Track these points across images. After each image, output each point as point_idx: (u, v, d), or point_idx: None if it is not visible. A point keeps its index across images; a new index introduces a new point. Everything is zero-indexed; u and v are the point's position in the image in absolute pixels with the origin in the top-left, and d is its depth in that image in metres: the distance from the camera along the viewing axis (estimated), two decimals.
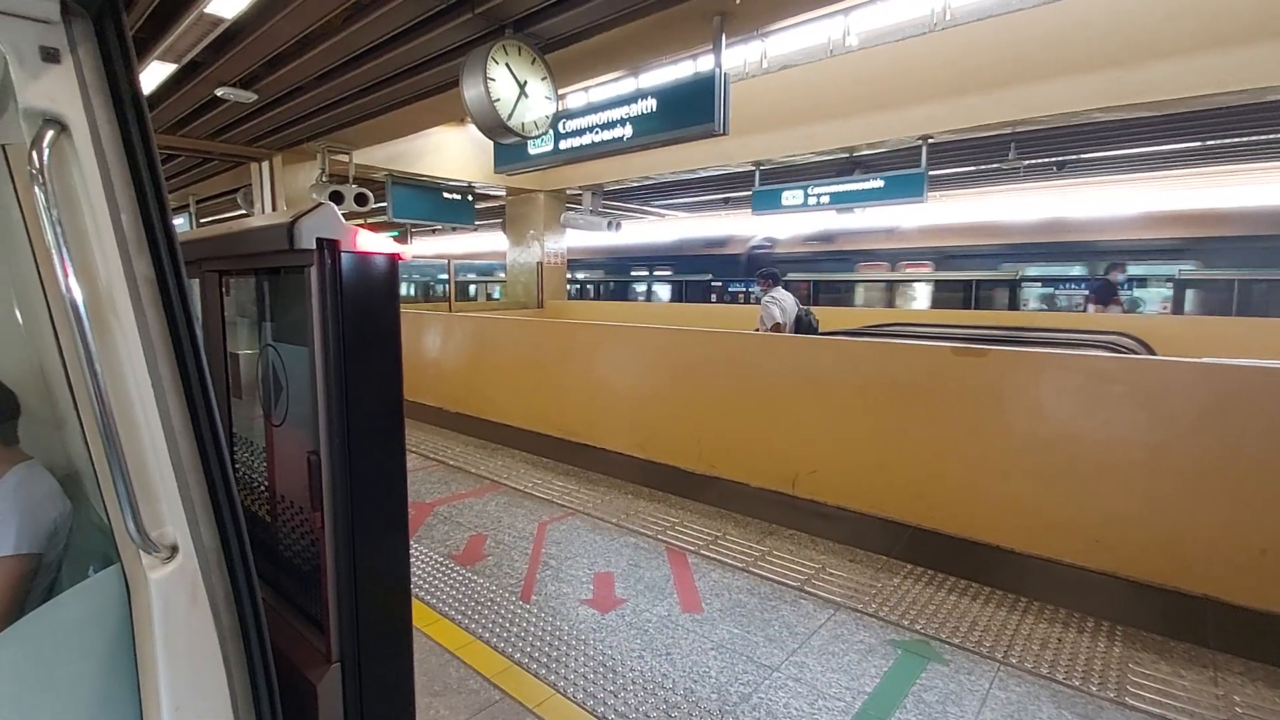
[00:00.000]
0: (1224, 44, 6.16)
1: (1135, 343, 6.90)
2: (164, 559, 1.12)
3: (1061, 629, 3.27)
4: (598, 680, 2.83)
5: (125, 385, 1.06)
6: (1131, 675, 2.90)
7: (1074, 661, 3.00)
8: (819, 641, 3.16)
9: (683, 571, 3.87)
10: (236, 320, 1.91)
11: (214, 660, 1.18)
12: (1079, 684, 2.84)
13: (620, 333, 6.21)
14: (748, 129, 9.07)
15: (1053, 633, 3.24)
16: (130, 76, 1.04)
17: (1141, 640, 3.17)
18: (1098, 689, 2.81)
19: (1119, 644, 3.15)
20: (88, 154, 1.01)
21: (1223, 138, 9.35)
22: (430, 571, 3.84)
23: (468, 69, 5.02)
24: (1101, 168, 12.21)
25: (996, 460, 3.86)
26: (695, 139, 5.71)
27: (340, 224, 1.43)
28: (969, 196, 15.20)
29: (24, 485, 1.54)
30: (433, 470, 5.90)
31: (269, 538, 1.84)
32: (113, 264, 1.04)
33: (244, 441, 1.95)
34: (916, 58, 8.14)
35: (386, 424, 1.55)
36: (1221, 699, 2.75)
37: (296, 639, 1.62)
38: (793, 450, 4.68)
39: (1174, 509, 3.30)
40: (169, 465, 1.10)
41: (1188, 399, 3.32)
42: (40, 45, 0.97)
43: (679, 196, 16.42)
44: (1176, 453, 3.32)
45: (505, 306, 13.25)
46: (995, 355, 3.99)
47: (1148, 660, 3.02)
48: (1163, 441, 3.36)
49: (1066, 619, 3.36)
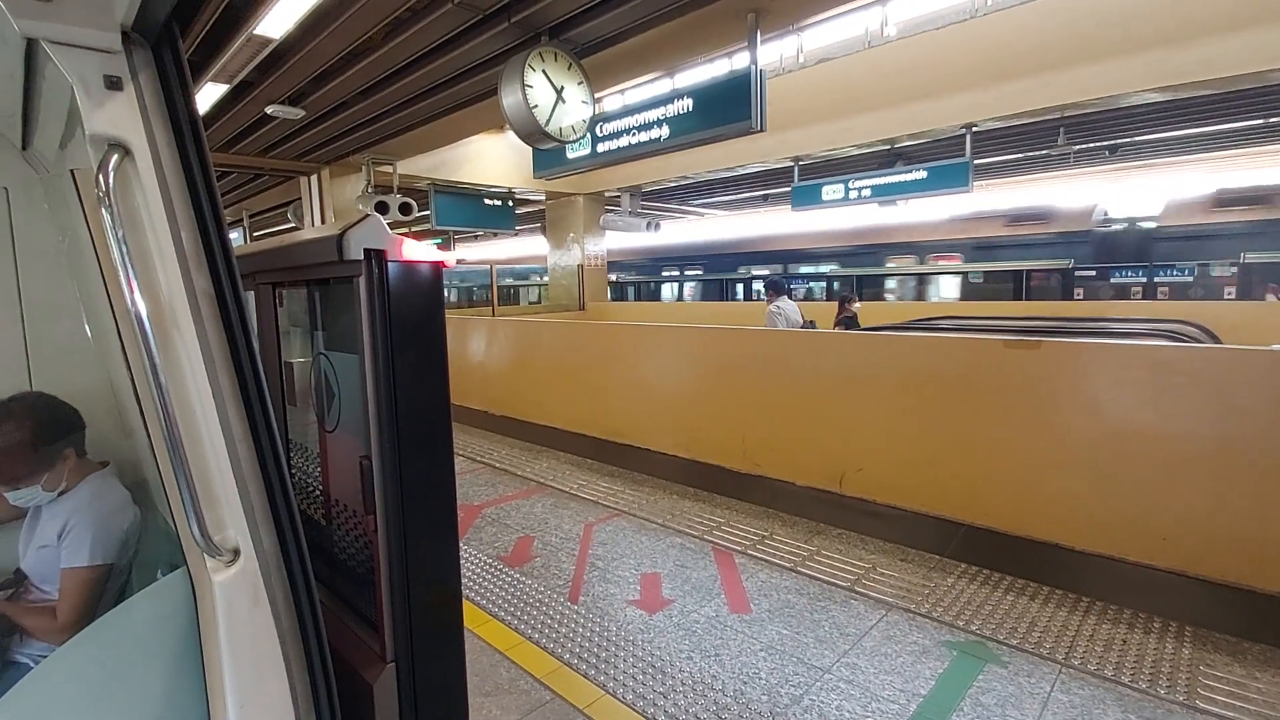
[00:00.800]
0: None
1: (1200, 331, 6.60)
2: (227, 562, 1.16)
3: (1126, 630, 3.15)
4: (647, 681, 2.83)
5: (188, 395, 1.11)
6: (1202, 678, 2.78)
7: (1140, 663, 2.89)
8: (871, 643, 3.11)
9: (730, 572, 3.84)
10: (290, 330, 1.97)
11: (275, 660, 1.22)
12: (1146, 687, 2.73)
13: (662, 333, 6.21)
14: (786, 124, 8.98)
15: (1117, 634, 3.12)
16: (187, 100, 1.09)
17: (1213, 641, 3.04)
18: (1166, 692, 2.69)
19: (1188, 645, 3.02)
20: (149, 176, 1.05)
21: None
22: (480, 573, 3.89)
23: (506, 77, 5.09)
24: (1156, 150, 11.72)
25: (1053, 455, 3.73)
26: (732, 137, 5.68)
27: (386, 234, 1.47)
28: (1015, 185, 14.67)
29: (98, 497, 1.62)
30: (480, 473, 5.99)
31: (324, 541, 1.89)
32: (174, 279, 1.08)
33: (299, 447, 2.01)
34: (958, 44, 7.95)
35: (435, 428, 1.58)
36: None
37: (352, 639, 1.66)
38: (839, 448, 4.61)
39: (1247, 505, 3.14)
40: (230, 471, 1.14)
41: (1258, 389, 3.16)
42: (104, 74, 1.01)
43: (717, 195, 16.34)
44: (1248, 445, 3.16)
45: (547, 309, 13.37)
46: (1049, 347, 3.87)
47: (1220, 662, 2.89)
48: (1233, 434, 3.20)
49: (1131, 619, 3.24)
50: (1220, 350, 3.83)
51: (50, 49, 0.96)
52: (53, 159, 1.57)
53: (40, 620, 1.62)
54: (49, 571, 1.63)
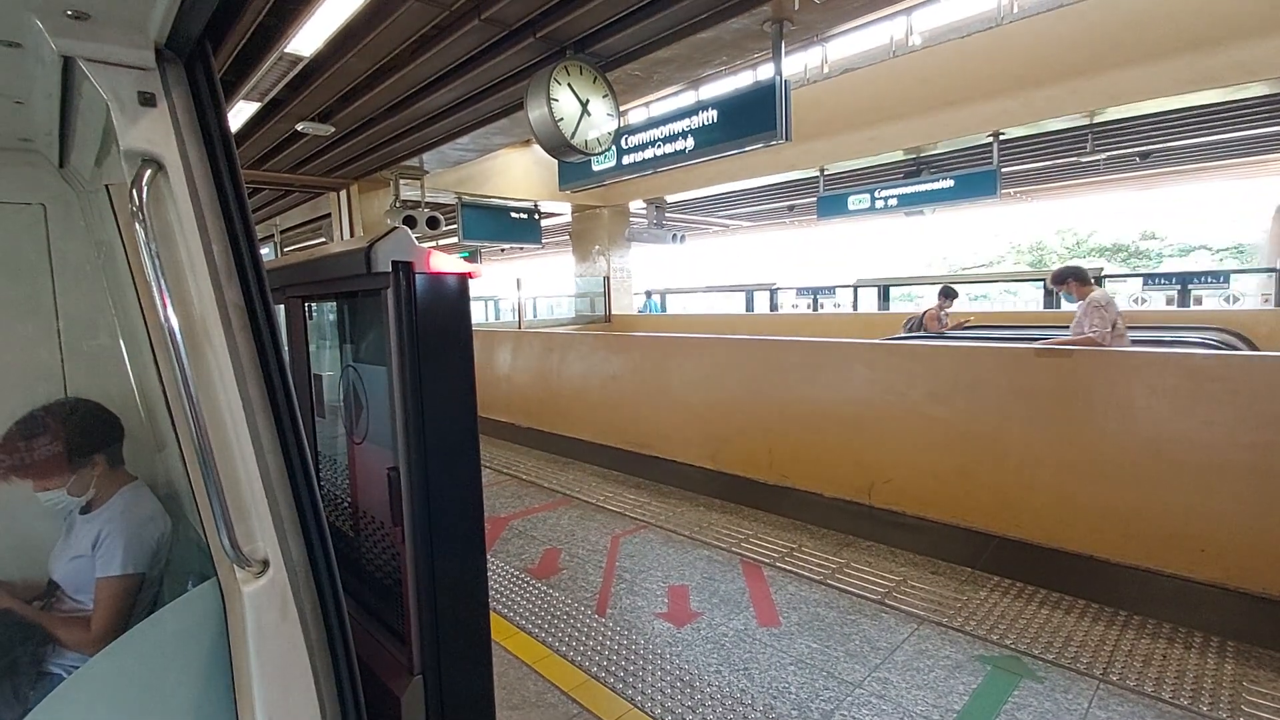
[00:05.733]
0: None
1: (1236, 339, 6.43)
2: (256, 573, 1.16)
3: (1166, 644, 3.05)
4: (675, 695, 2.80)
5: (218, 407, 1.12)
6: (1246, 694, 2.68)
7: (1181, 679, 2.80)
8: (902, 657, 3.04)
9: (758, 584, 3.80)
10: (319, 343, 2.00)
11: (304, 671, 1.22)
12: (1188, 703, 2.64)
13: (688, 344, 6.19)
14: (811, 134, 8.96)
15: (1156, 648, 3.02)
16: (219, 116, 1.10)
17: (1256, 656, 2.93)
18: (1209, 709, 2.60)
19: (1230, 660, 2.92)
20: (182, 191, 1.07)
21: None
22: (507, 585, 3.89)
23: (531, 91, 5.14)
24: (1191, 156, 11.47)
25: (1086, 465, 3.65)
26: (757, 147, 5.67)
27: (414, 246, 1.48)
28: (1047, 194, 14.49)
29: (131, 508, 1.64)
30: (506, 485, 6.01)
31: (352, 552, 1.90)
32: (205, 293, 1.10)
33: (328, 459, 2.03)
34: (984, 52, 7.90)
35: (462, 440, 1.58)
36: None
37: (380, 651, 1.66)
38: (867, 458, 4.55)
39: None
40: (259, 483, 1.15)
41: None
42: (138, 90, 1.03)
43: (742, 206, 16.33)
44: None
45: (573, 322, 13.43)
46: (1080, 355, 3.80)
47: (1264, 678, 2.79)
48: (1271, 442, 3.11)
49: (1171, 634, 3.13)
50: (1257, 357, 3.73)
51: (86, 67, 0.98)
52: (89, 176, 1.61)
53: (73, 631, 1.65)
54: (82, 582, 1.66)
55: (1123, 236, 33.53)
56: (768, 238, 29.18)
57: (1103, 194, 17.45)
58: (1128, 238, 33.39)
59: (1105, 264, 31.08)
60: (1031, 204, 15.25)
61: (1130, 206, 31.02)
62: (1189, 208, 31.11)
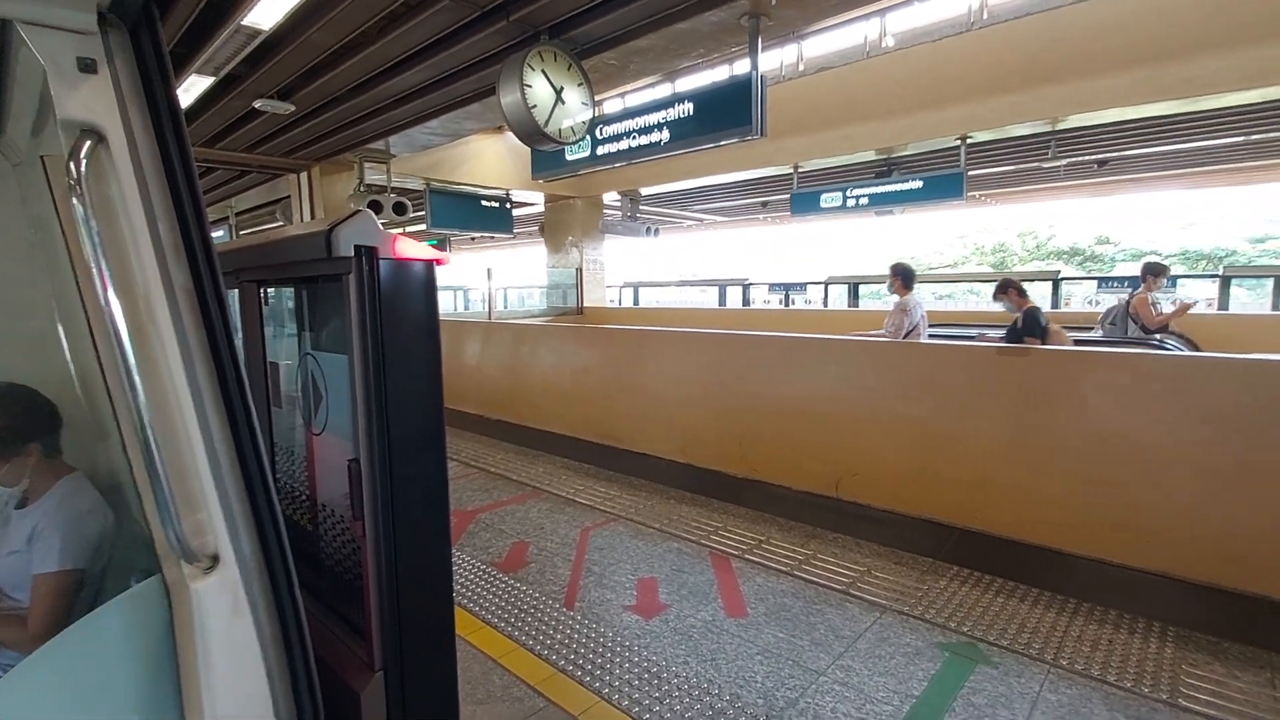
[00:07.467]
0: (1265, 38, 6.12)
1: (1182, 341, 6.66)
2: (205, 568, 1.11)
3: (1112, 630, 3.18)
4: (643, 687, 2.79)
5: (164, 396, 1.06)
6: (1185, 677, 2.81)
7: (1125, 663, 2.91)
8: (865, 645, 3.09)
9: (727, 576, 3.80)
10: (275, 330, 1.93)
11: (256, 669, 1.17)
12: (1131, 686, 2.75)
13: (660, 337, 6.17)
14: (785, 131, 8.98)
15: (1103, 634, 3.14)
16: (166, 86, 1.04)
17: (1195, 641, 3.08)
18: (1150, 691, 2.72)
19: (1171, 645, 3.05)
20: (125, 164, 1.01)
21: (1267, 132, 9.10)
22: (473, 579, 3.84)
23: (504, 76, 5.04)
24: (1144, 165, 11.88)
25: (1043, 460, 3.74)
26: (732, 141, 5.65)
27: (378, 231, 1.43)
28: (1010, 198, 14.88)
29: (68, 500, 1.56)
30: (474, 478, 5.94)
31: (311, 546, 1.84)
32: (150, 274, 1.04)
33: (285, 451, 1.97)
34: (954, 57, 8.05)
35: (427, 431, 1.54)
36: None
37: (339, 647, 1.62)
38: (835, 453, 4.58)
39: (1225, 507, 3.17)
40: (209, 475, 1.10)
41: (1236, 395, 3.20)
42: (77, 56, 0.97)
43: (717, 201, 16.35)
44: (1226, 450, 3.19)
45: (544, 313, 13.33)
46: (1038, 354, 3.90)
47: (1201, 662, 2.92)
48: (1212, 439, 3.23)
49: (1117, 620, 3.26)
50: (1200, 358, 3.86)
51: (22, 29, 0.92)
52: (25, 148, 1.52)
53: (9, 629, 1.57)
54: (19, 579, 1.58)
55: (1080, 240, 34.51)
56: (741, 234, 29.35)
57: (1062, 199, 17.93)
58: (1084, 242, 34.37)
59: (1063, 266, 31.92)
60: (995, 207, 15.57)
61: (1087, 212, 32.09)
62: (1141, 214, 32.29)
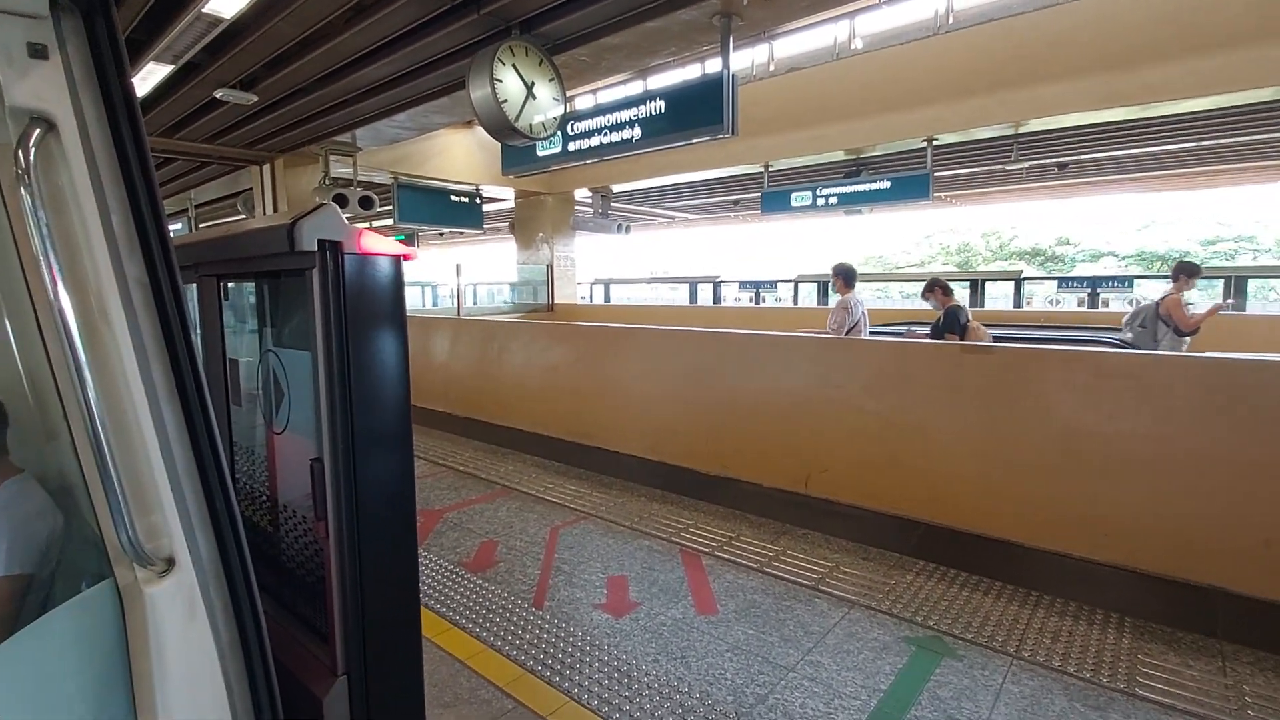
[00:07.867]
0: (1217, 47, 6.37)
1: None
2: (160, 572, 1.08)
3: (1072, 622, 3.26)
4: (612, 686, 2.78)
5: (117, 393, 1.02)
6: (1141, 667, 2.89)
7: (1084, 654, 2.99)
8: (834, 640, 3.12)
9: (697, 574, 3.81)
10: (236, 326, 1.88)
11: (213, 675, 1.14)
12: (1090, 676, 2.83)
13: (630, 335, 6.16)
14: (756, 131, 9.04)
15: (1064, 626, 3.23)
16: (121, 74, 1.00)
17: (1150, 632, 3.17)
18: (1108, 681, 2.80)
19: (1128, 636, 3.14)
20: (76, 153, 0.97)
21: (1218, 139, 9.47)
22: (440, 579, 3.80)
23: (474, 70, 4.99)
24: (1102, 169, 12.24)
25: (1006, 455, 3.81)
26: (703, 139, 5.67)
27: (343, 225, 1.40)
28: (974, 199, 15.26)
29: (14, 502, 1.50)
30: (442, 476, 5.87)
31: (271, 548, 1.80)
32: (103, 267, 1.00)
33: (244, 450, 1.92)
34: (921, 60, 8.22)
35: (393, 429, 1.51)
36: (1231, 688, 2.74)
37: (300, 652, 1.58)
38: (805, 450, 4.62)
39: (1180, 501, 3.27)
40: (164, 476, 1.06)
41: (1190, 393, 3.30)
42: (27, 41, 0.93)
43: (688, 199, 16.40)
44: (1181, 446, 3.29)
45: (514, 310, 13.23)
46: (1002, 352, 3.97)
47: (1156, 651, 3.01)
48: (1168, 435, 3.33)
49: (1077, 612, 3.35)
50: (1158, 357, 3.96)
51: None
52: None
53: None
54: None
55: (1041, 241, 35.45)
56: (713, 231, 29.49)
57: (1024, 201, 18.42)
58: (1045, 243, 35.31)
59: (1025, 266, 32.74)
60: (960, 208, 15.90)
61: (1048, 213, 33.08)
62: (1099, 217, 33.31)
